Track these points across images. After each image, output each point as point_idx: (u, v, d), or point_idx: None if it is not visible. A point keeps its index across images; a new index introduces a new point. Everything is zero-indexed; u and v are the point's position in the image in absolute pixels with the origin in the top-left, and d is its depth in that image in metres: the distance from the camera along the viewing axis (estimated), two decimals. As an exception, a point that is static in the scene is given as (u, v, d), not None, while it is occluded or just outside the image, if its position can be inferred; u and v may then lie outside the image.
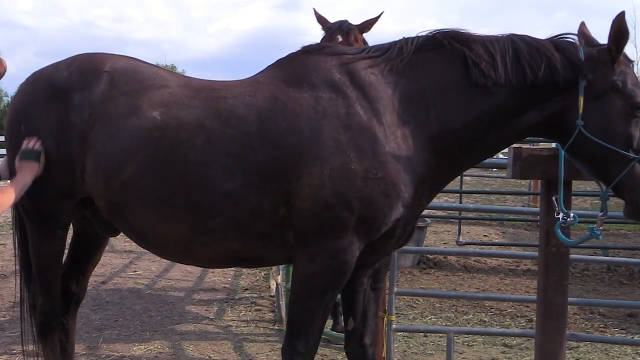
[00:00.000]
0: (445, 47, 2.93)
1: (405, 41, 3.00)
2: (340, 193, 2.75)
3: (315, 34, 5.13)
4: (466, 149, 2.95)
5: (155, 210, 2.93)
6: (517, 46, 2.86)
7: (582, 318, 6.24)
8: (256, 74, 3.14)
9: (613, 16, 2.77)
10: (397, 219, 2.87)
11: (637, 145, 2.77)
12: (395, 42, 3.03)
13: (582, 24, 3.03)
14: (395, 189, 2.80)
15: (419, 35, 3.01)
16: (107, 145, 2.92)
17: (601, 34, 3.14)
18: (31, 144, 2.97)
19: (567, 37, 2.92)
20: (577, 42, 2.91)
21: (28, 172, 2.93)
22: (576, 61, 2.79)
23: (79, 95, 2.98)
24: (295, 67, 3.00)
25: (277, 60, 3.14)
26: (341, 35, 4.88)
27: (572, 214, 2.96)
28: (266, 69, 3.14)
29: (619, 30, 2.74)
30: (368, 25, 4.99)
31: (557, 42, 2.88)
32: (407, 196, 2.84)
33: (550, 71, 2.81)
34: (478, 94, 2.86)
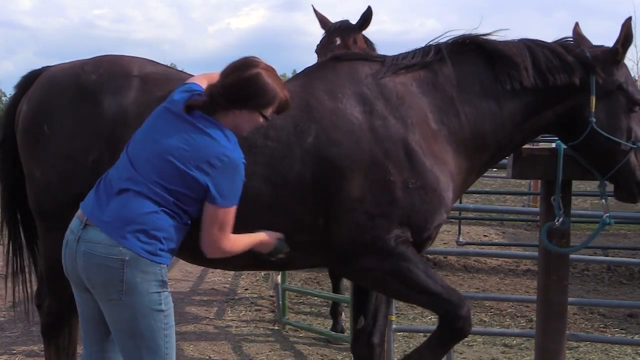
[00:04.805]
0: (471, 53, 3.03)
1: (429, 48, 3.07)
2: (380, 205, 2.77)
3: (315, 34, 5.13)
4: (492, 151, 3.06)
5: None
6: (532, 49, 3.00)
7: (582, 318, 6.24)
8: (285, 83, 3.13)
9: (613, 16, 2.87)
10: (439, 225, 2.94)
11: (633, 136, 3.02)
12: (420, 50, 3.09)
13: (577, 25, 3.22)
14: (437, 195, 2.84)
15: (443, 41, 3.08)
16: None
17: (601, 34, 3.24)
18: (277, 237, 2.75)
19: (569, 40, 3.09)
20: (579, 45, 3.06)
21: (266, 241, 2.72)
22: (588, 62, 2.96)
23: (110, 98, 2.91)
24: (327, 77, 3.01)
25: (306, 69, 3.16)
26: (340, 37, 4.86)
27: (561, 218, 3.15)
28: (295, 77, 3.14)
29: (628, 34, 2.97)
30: (365, 22, 4.95)
31: (566, 45, 3.05)
32: (448, 202, 2.91)
33: (566, 72, 2.97)
34: (505, 97, 2.98)
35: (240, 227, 2.71)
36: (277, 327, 5.74)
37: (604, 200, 3.18)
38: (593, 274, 8.09)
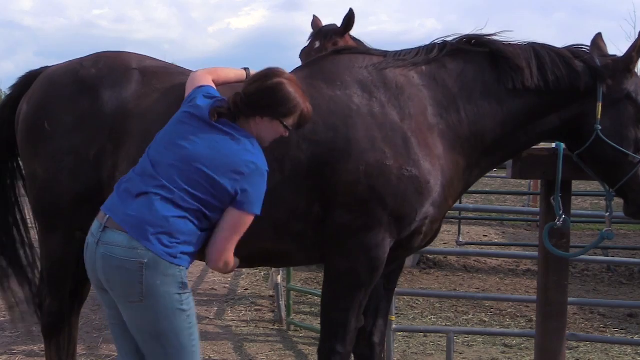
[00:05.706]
0: (474, 52, 3.04)
1: (434, 45, 3.09)
2: (375, 189, 2.78)
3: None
4: (492, 151, 3.06)
5: None
6: (539, 53, 3.00)
7: (582, 318, 6.24)
8: None
9: (613, 16, 2.88)
10: (425, 217, 2.92)
11: None
12: (424, 46, 3.11)
13: (599, 35, 3.20)
14: (428, 187, 2.85)
15: (447, 39, 3.10)
16: (144, 142, 2.80)
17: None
18: None
19: (582, 47, 3.07)
20: (591, 52, 3.05)
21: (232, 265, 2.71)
22: (596, 68, 2.95)
23: (110, 91, 2.93)
24: (326, 67, 3.04)
25: (307, 62, 3.20)
26: (319, 41, 4.82)
27: (562, 218, 3.13)
28: (295, 69, 3.16)
29: None
30: (348, 25, 4.87)
31: (575, 51, 3.04)
32: (436, 195, 2.90)
33: (572, 77, 2.96)
34: (507, 97, 2.98)
35: None
36: (277, 327, 5.74)
37: (607, 214, 3.15)
38: (593, 274, 8.09)
